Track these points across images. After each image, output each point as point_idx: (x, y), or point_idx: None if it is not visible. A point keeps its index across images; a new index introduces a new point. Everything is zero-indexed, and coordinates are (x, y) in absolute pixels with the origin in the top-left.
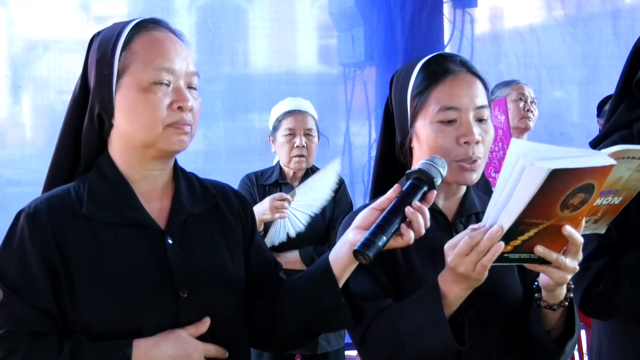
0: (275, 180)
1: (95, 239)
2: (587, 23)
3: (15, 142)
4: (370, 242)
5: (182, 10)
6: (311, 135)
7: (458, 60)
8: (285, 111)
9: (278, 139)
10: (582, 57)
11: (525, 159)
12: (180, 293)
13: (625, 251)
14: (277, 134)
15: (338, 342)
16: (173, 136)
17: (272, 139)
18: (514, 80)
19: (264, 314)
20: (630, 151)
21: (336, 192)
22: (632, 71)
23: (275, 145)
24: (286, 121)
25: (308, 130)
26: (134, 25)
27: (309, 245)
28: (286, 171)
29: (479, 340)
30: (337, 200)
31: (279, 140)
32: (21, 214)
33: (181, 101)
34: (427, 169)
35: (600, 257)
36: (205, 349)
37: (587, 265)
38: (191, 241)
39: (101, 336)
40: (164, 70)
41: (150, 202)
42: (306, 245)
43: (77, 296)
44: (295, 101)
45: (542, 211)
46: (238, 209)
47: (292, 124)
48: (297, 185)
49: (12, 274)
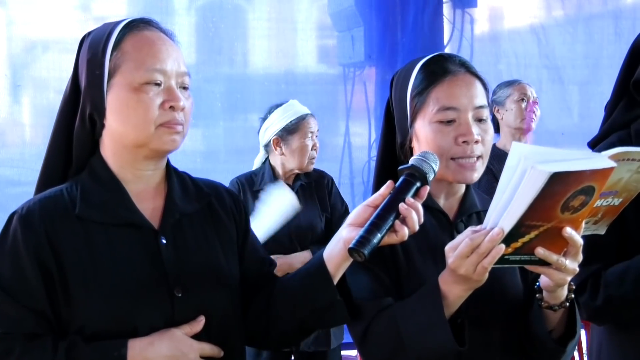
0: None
1: (89, 240)
2: (587, 23)
3: (15, 142)
4: (365, 239)
5: (181, 10)
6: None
7: (457, 61)
8: (303, 114)
9: (294, 142)
10: (583, 57)
11: (526, 162)
12: (175, 292)
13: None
14: (292, 137)
15: (337, 339)
16: (165, 136)
17: (282, 142)
18: (516, 80)
19: (259, 313)
20: (630, 153)
21: (329, 194)
22: (630, 71)
23: (285, 149)
24: (307, 124)
25: (317, 132)
26: (124, 25)
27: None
28: (280, 173)
29: (480, 340)
30: (332, 204)
31: (296, 144)
32: (14, 215)
33: (173, 101)
34: (419, 165)
35: (591, 263)
36: (200, 348)
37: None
38: (185, 240)
39: (96, 337)
40: (156, 71)
41: (143, 202)
42: (304, 248)
43: (71, 297)
44: (300, 105)
45: (542, 213)
46: (231, 208)
47: (313, 127)
48: (297, 183)
49: (5, 276)
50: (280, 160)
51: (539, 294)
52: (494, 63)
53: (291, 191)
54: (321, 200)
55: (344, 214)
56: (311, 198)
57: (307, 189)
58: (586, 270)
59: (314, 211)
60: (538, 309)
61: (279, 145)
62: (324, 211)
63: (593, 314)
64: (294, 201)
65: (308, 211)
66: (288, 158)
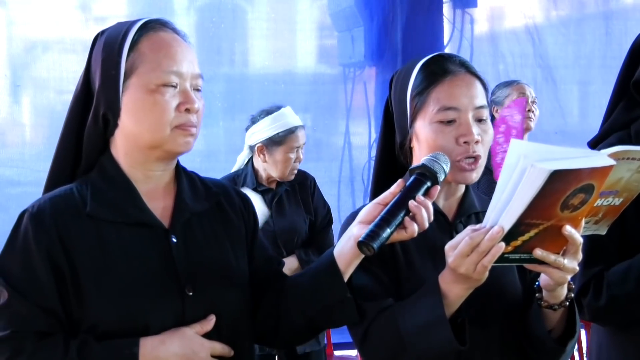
0: (254, 187)
1: (100, 238)
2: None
3: (15, 142)
4: (375, 233)
5: (181, 10)
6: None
7: (457, 61)
8: (292, 127)
9: (277, 154)
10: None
11: (526, 161)
12: (186, 291)
13: (620, 255)
14: (277, 148)
15: (319, 343)
16: (180, 138)
17: (266, 151)
18: (515, 80)
19: (268, 311)
20: (630, 152)
21: (312, 196)
22: (630, 72)
23: (269, 157)
24: (294, 138)
25: (303, 145)
26: (140, 26)
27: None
28: (263, 176)
29: (480, 340)
30: (314, 206)
31: (279, 156)
32: (24, 214)
33: (188, 103)
34: (431, 165)
35: (593, 265)
36: (211, 347)
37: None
38: (195, 239)
39: (107, 335)
40: (172, 73)
41: (153, 201)
42: (290, 252)
43: (83, 296)
44: (292, 114)
45: (542, 212)
46: (240, 207)
47: (300, 140)
48: (281, 188)
49: (16, 275)
50: (262, 166)
51: (538, 294)
52: (493, 63)
53: (260, 199)
54: (305, 203)
55: (326, 215)
56: (295, 202)
57: (291, 193)
58: (588, 272)
59: (299, 215)
60: (537, 308)
61: (262, 152)
62: (308, 214)
63: (597, 314)
64: (262, 209)
65: (293, 215)
66: (270, 166)
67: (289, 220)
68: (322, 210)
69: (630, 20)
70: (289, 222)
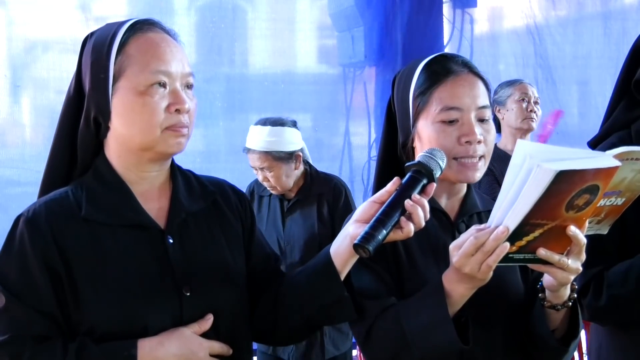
0: (271, 193)
1: (96, 241)
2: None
3: (15, 142)
4: (370, 235)
5: (181, 10)
6: (270, 169)
7: (460, 61)
8: (246, 147)
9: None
10: (582, 58)
11: (532, 161)
12: (183, 292)
13: (620, 255)
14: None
15: (345, 345)
16: (171, 139)
17: None
18: (517, 80)
19: (266, 310)
20: (634, 152)
21: (337, 202)
22: (631, 71)
23: None
24: (250, 157)
25: (264, 167)
26: (128, 27)
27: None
28: None
29: (483, 339)
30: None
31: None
32: (20, 218)
33: (178, 104)
34: (426, 162)
35: (593, 265)
36: (209, 347)
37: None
38: (191, 239)
39: (105, 337)
40: (161, 73)
41: (148, 203)
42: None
43: (80, 298)
44: (260, 133)
45: (547, 212)
46: (237, 205)
47: (253, 162)
48: (294, 198)
49: (13, 279)
50: None
51: (541, 294)
52: (493, 63)
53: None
54: (320, 214)
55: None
56: (308, 212)
57: (304, 202)
58: (588, 272)
59: (307, 225)
60: (540, 308)
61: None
62: (322, 224)
63: (597, 314)
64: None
65: (300, 224)
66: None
67: (295, 229)
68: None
69: (630, 20)
70: (295, 230)
